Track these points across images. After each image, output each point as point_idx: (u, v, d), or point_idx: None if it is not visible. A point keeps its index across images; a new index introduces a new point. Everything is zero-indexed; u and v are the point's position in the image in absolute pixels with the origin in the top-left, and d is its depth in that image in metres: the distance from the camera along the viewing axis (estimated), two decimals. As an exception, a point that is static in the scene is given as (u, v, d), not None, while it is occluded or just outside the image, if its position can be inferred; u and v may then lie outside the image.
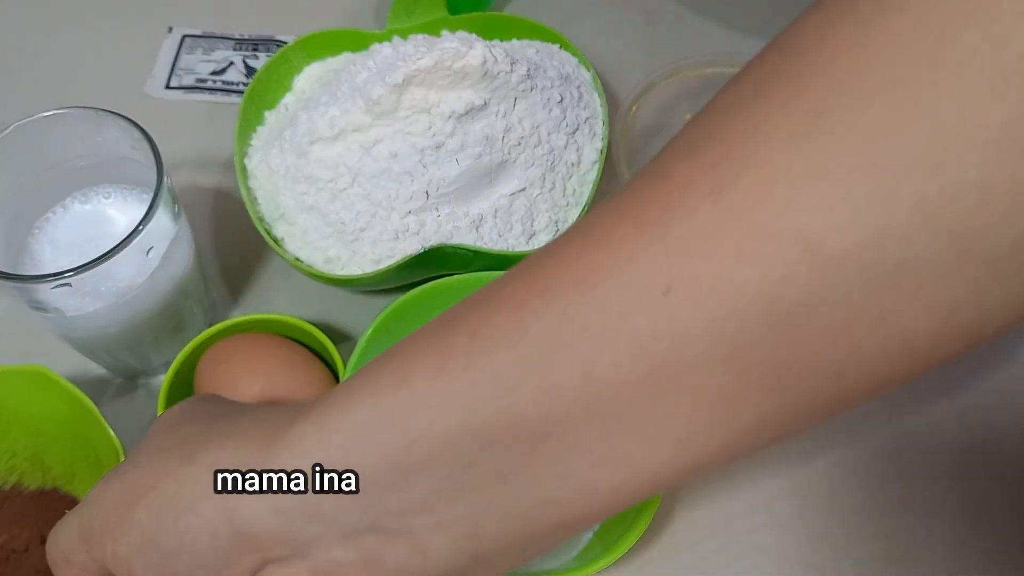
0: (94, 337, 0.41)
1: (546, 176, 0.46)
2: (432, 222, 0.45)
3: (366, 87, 0.44)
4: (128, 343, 0.42)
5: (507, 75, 0.44)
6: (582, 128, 0.47)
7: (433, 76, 0.43)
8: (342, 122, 0.44)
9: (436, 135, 0.44)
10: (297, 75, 0.50)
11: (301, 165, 0.45)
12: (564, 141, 0.46)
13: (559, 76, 0.47)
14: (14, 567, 0.39)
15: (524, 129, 0.45)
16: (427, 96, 0.43)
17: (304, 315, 0.46)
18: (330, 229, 0.45)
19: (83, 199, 0.42)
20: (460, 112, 0.43)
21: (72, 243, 0.41)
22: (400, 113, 0.44)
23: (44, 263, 0.41)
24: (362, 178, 0.44)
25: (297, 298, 0.49)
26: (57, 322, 0.39)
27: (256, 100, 0.49)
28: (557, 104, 0.46)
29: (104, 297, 0.38)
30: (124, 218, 0.42)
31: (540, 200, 0.46)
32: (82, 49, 0.58)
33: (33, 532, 0.40)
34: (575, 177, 0.47)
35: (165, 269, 0.40)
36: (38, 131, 0.40)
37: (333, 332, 0.48)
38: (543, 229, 0.46)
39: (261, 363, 0.40)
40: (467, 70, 0.43)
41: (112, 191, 0.42)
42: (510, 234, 0.45)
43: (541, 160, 0.45)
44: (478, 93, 0.44)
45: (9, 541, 0.40)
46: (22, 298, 0.38)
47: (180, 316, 0.43)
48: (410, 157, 0.44)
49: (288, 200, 0.46)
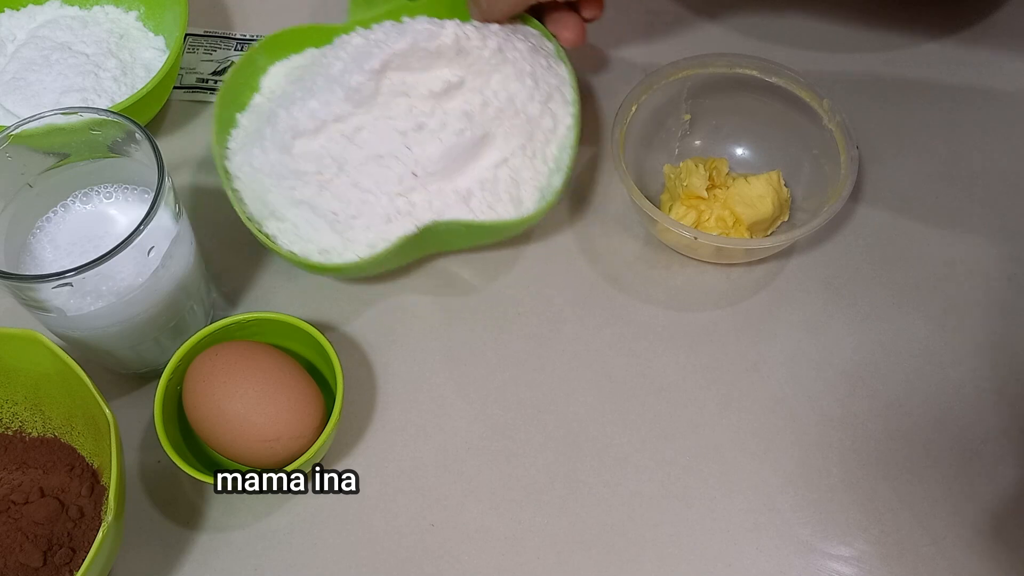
0: (95, 336, 0.41)
1: (526, 145, 0.47)
2: (422, 201, 0.45)
3: (343, 77, 0.45)
4: (128, 342, 0.42)
5: (480, 51, 0.45)
6: (554, 95, 0.48)
7: (409, 59, 0.44)
8: (323, 114, 0.45)
9: (417, 116, 0.45)
10: (263, 75, 0.51)
11: (286, 161, 0.46)
12: (539, 109, 0.47)
13: (527, 48, 0.48)
14: (15, 518, 0.39)
15: (500, 101, 0.46)
16: (404, 79, 0.45)
17: (303, 314, 0.46)
18: (321, 220, 0.45)
19: (84, 199, 0.42)
20: (438, 91, 0.45)
21: (73, 243, 0.41)
22: (379, 99, 0.45)
23: (45, 263, 0.41)
24: (348, 167, 0.45)
25: (296, 297, 0.49)
26: (58, 322, 0.40)
27: (227, 104, 0.49)
28: (528, 75, 0.47)
29: (105, 297, 0.39)
30: (125, 218, 0.42)
31: (523, 168, 0.47)
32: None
33: (33, 483, 0.40)
34: (553, 143, 0.48)
35: (166, 269, 0.40)
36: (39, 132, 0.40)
37: (332, 331, 0.48)
38: (530, 196, 0.47)
39: (245, 379, 0.40)
40: (441, 49, 0.44)
41: (113, 191, 0.42)
42: (499, 204, 0.46)
43: (520, 130, 0.46)
44: (453, 71, 0.45)
45: (9, 493, 0.40)
46: (23, 298, 0.38)
47: (181, 316, 0.43)
48: (393, 140, 0.45)
49: (276, 197, 0.46)
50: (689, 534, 0.42)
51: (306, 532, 0.43)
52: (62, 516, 0.39)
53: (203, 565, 0.42)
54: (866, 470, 0.44)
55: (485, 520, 0.43)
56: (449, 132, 0.45)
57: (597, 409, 0.46)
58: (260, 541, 0.43)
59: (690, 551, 0.42)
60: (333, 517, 0.43)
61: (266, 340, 0.44)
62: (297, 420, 0.40)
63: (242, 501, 0.43)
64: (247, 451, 0.40)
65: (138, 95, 0.49)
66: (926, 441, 0.45)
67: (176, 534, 0.43)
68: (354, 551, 0.42)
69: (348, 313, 0.49)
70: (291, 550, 0.42)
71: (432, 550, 0.42)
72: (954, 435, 0.45)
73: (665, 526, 0.43)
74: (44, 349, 0.39)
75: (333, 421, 0.41)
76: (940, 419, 0.45)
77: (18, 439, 0.42)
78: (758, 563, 0.42)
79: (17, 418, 0.42)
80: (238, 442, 0.40)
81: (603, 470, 0.44)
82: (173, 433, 0.42)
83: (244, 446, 0.40)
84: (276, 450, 0.40)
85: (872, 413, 0.45)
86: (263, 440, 0.40)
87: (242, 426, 0.40)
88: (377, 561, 0.42)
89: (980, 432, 0.45)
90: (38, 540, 0.39)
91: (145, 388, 0.46)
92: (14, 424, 0.42)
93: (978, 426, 0.45)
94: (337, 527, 0.43)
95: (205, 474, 0.40)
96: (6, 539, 0.39)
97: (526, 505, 0.43)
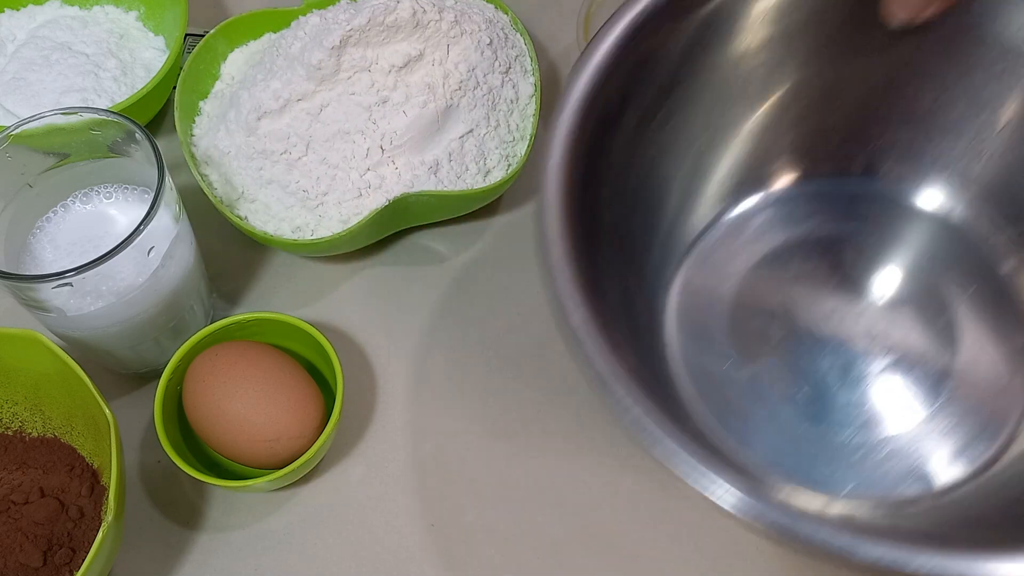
0: (95, 337, 0.41)
1: (489, 115, 0.48)
2: (391, 175, 0.46)
3: (304, 55, 0.46)
4: (129, 343, 0.42)
5: (437, 23, 0.46)
6: (514, 66, 0.49)
7: (368, 34, 0.45)
8: (286, 93, 0.45)
9: (380, 91, 0.46)
10: (223, 62, 0.51)
11: (252, 142, 0.46)
12: (500, 80, 0.48)
13: (484, 20, 0.49)
14: (14, 518, 0.39)
15: (462, 73, 0.47)
16: (365, 54, 0.45)
17: (303, 314, 0.46)
18: (292, 199, 0.46)
19: (84, 199, 0.42)
20: (399, 65, 0.46)
21: (73, 243, 0.41)
22: (341, 75, 0.45)
23: (45, 263, 0.41)
24: (315, 144, 0.46)
25: (296, 297, 0.49)
26: (58, 322, 0.40)
27: (189, 90, 0.49)
28: (487, 46, 0.48)
29: (105, 297, 0.39)
30: (125, 218, 0.42)
31: (488, 139, 0.48)
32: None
33: (33, 483, 0.40)
34: (516, 113, 0.49)
35: (166, 269, 0.40)
36: (39, 132, 0.40)
37: (332, 331, 0.48)
38: (496, 166, 0.48)
39: (245, 379, 0.40)
40: (399, 23, 0.45)
41: (113, 191, 0.42)
42: (467, 174, 0.47)
43: (482, 101, 0.48)
44: (412, 44, 0.46)
45: (9, 493, 0.40)
46: (23, 298, 0.38)
47: (181, 316, 0.43)
48: (358, 116, 0.46)
49: (244, 179, 0.47)
50: (688, 533, 0.42)
51: (306, 532, 0.43)
52: (62, 516, 0.39)
53: (203, 565, 0.42)
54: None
55: (485, 520, 0.43)
56: (413, 105, 0.46)
57: (598, 407, 0.46)
58: (260, 541, 0.43)
59: (690, 550, 0.42)
60: (333, 517, 0.43)
61: (266, 340, 0.44)
62: (297, 420, 0.40)
63: (242, 501, 0.43)
64: (247, 451, 0.40)
65: (138, 95, 0.49)
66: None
67: (176, 534, 0.43)
68: (354, 551, 0.42)
69: (348, 313, 0.49)
70: (291, 550, 0.42)
71: (432, 550, 0.42)
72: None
73: (667, 524, 0.43)
74: (44, 349, 0.39)
75: (333, 421, 0.41)
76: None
77: (18, 439, 0.42)
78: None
79: (17, 418, 0.42)
80: (238, 442, 0.40)
81: (603, 471, 0.44)
82: (173, 433, 0.42)
83: (244, 446, 0.40)
84: (276, 450, 0.40)
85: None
86: (263, 440, 0.40)
87: (242, 426, 0.40)
88: (377, 561, 0.42)
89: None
90: (38, 540, 0.39)
91: (145, 388, 0.46)
92: (14, 424, 0.42)
93: None
94: (337, 527, 0.43)
95: (205, 474, 0.40)
96: (6, 539, 0.39)
97: (526, 505, 0.43)
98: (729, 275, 0.43)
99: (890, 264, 0.44)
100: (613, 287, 0.37)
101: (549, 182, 0.35)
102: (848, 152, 0.45)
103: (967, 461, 0.39)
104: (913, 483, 0.38)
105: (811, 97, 0.43)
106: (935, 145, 0.43)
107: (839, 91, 0.43)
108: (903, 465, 0.39)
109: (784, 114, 0.43)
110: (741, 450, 0.40)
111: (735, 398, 0.41)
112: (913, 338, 0.41)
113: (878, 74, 0.42)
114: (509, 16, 0.51)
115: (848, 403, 0.40)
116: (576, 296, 0.32)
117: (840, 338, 0.41)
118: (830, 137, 0.44)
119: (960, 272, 0.43)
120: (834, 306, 0.42)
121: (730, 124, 0.43)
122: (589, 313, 0.32)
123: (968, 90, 0.41)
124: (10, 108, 0.50)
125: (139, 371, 0.46)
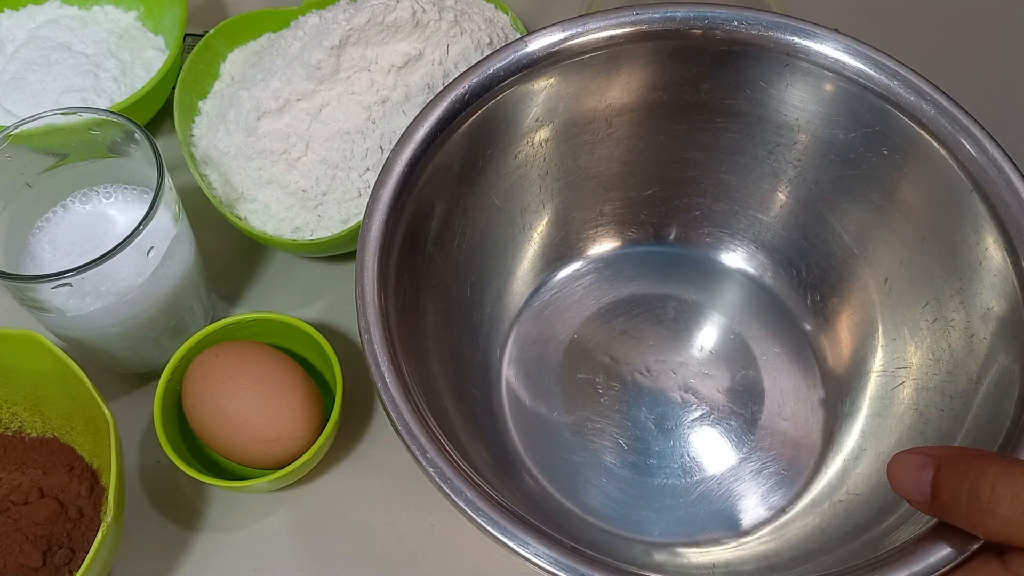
0: (94, 337, 0.41)
1: None
2: None
3: (303, 55, 0.45)
4: (128, 343, 0.42)
5: (437, 23, 0.46)
6: None
7: (367, 33, 0.45)
8: (285, 93, 0.45)
9: (380, 90, 0.46)
10: (222, 62, 0.52)
11: (251, 142, 0.46)
12: None
13: (483, 19, 0.49)
14: (14, 519, 0.39)
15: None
16: (364, 54, 0.45)
17: (303, 314, 0.46)
18: (292, 199, 0.46)
19: (83, 199, 0.42)
20: (398, 65, 0.46)
21: (72, 243, 0.41)
22: (341, 75, 0.45)
23: (44, 263, 0.41)
24: (315, 144, 0.46)
25: (296, 297, 0.49)
26: (58, 322, 0.40)
27: (188, 90, 0.49)
28: (487, 46, 0.48)
29: (104, 297, 0.39)
30: (124, 218, 0.42)
31: None
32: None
33: (33, 483, 0.40)
34: None
35: (165, 269, 0.40)
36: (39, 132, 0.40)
37: (332, 331, 0.48)
38: None
39: (245, 380, 0.41)
40: (399, 23, 0.45)
41: (112, 191, 0.42)
42: None
43: None
44: (412, 44, 0.46)
45: (9, 493, 0.40)
46: (22, 298, 0.38)
47: (180, 316, 0.43)
48: (358, 116, 0.46)
49: (243, 179, 0.47)
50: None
51: (306, 532, 0.43)
52: (62, 516, 0.39)
53: (203, 565, 0.42)
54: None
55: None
56: (412, 104, 0.46)
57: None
58: (260, 541, 0.43)
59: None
60: (333, 517, 0.43)
61: (266, 340, 0.44)
62: (297, 420, 0.40)
63: (242, 501, 0.43)
64: (246, 451, 0.40)
65: (138, 95, 0.49)
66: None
67: (176, 534, 0.43)
68: (354, 551, 0.42)
69: (348, 313, 0.49)
70: (291, 550, 0.42)
71: (432, 550, 0.42)
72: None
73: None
74: (44, 349, 0.39)
75: (333, 421, 0.41)
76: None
77: (18, 439, 0.42)
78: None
79: (17, 418, 0.42)
80: (238, 442, 0.40)
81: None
82: (173, 433, 0.42)
83: (243, 446, 0.40)
84: (276, 450, 0.40)
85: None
86: (263, 440, 0.40)
87: (242, 426, 0.40)
88: (377, 561, 0.42)
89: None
90: (38, 540, 0.39)
91: (145, 388, 0.46)
92: (14, 424, 0.42)
93: None
94: (337, 527, 0.43)
95: (205, 474, 0.40)
96: (5, 539, 0.39)
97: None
98: (560, 330, 0.46)
99: (707, 322, 0.47)
100: (440, 345, 0.41)
101: (369, 242, 0.36)
102: (662, 221, 0.48)
103: (767, 506, 0.42)
104: (718, 525, 0.41)
105: (621, 178, 0.46)
106: (738, 218, 0.47)
107: (641, 171, 0.46)
108: (711, 508, 0.42)
109: (601, 191, 0.46)
110: (565, 495, 0.42)
111: (563, 443, 0.43)
112: (724, 390, 0.44)
113: (677, 155, 0.45)
114: (509, 16, 0.51)
115: (663, 450, 0.43)
116: (386, 360, 0.34)
117: (658, 389, 0.44)
118: (639, 212, 0.47)
119: (770, 330, 0.46)
120: (655, 359, 0.45)
121: (545, 203, 0.45)
122: (395, 378, 0.33)
123: (751, 164, 0.44)
124: (10, 108, 0.50)
125: (139, 371, 0.46)
